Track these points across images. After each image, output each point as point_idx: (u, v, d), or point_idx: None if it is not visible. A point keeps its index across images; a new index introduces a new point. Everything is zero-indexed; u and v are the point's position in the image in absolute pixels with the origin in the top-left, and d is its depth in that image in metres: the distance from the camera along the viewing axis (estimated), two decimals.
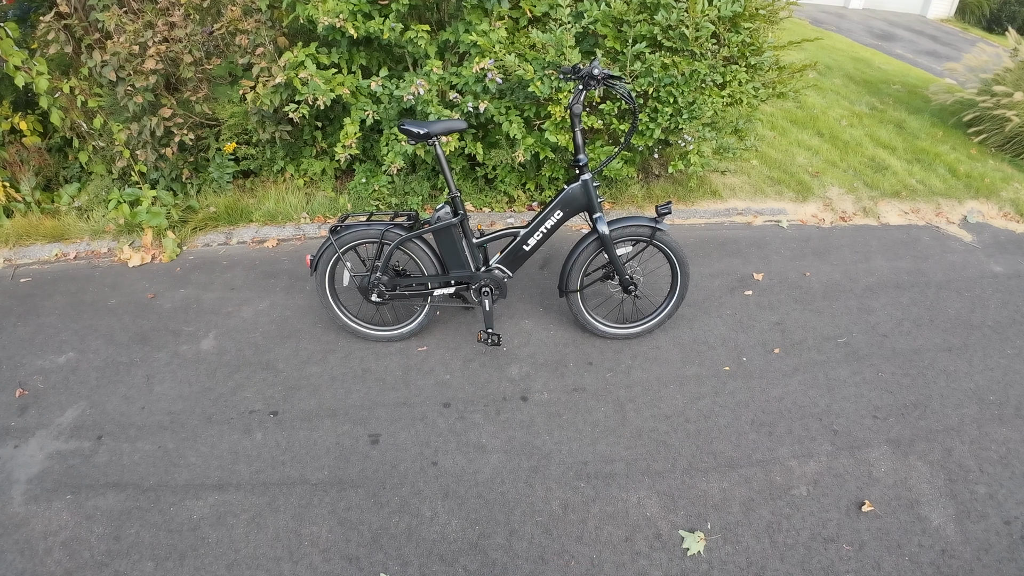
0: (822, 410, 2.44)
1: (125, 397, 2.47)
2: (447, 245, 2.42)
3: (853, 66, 7.21)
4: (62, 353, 2.68)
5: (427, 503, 2.03)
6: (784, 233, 3.80)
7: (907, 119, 5.62)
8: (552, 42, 2.93)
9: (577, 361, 2.63)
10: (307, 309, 2.92)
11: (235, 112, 3.30)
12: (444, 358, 2.64)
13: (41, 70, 3.01)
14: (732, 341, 2.80)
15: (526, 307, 2.96)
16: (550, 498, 2.05)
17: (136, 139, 3.25)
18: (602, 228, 2.38)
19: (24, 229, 3.33)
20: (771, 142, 4.91)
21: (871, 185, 4.37)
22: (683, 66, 3.03)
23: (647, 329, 2.74)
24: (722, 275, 3.29)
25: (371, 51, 3.27)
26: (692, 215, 3.91)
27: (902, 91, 6.44)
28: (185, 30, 3.03)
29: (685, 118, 3.21)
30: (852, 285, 3.27)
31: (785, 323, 2.94)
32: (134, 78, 3.00)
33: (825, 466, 2.20)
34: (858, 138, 5.10)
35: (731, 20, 3.08)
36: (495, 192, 3.78)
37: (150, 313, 2.91)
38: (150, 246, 3.29)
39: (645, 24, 2.99)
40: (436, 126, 2.23)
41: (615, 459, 2.19)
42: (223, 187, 3.61)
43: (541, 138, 3.27)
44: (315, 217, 3.58)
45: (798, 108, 5.57)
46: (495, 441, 2.25)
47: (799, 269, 3.39)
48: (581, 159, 2.31)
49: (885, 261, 3.53)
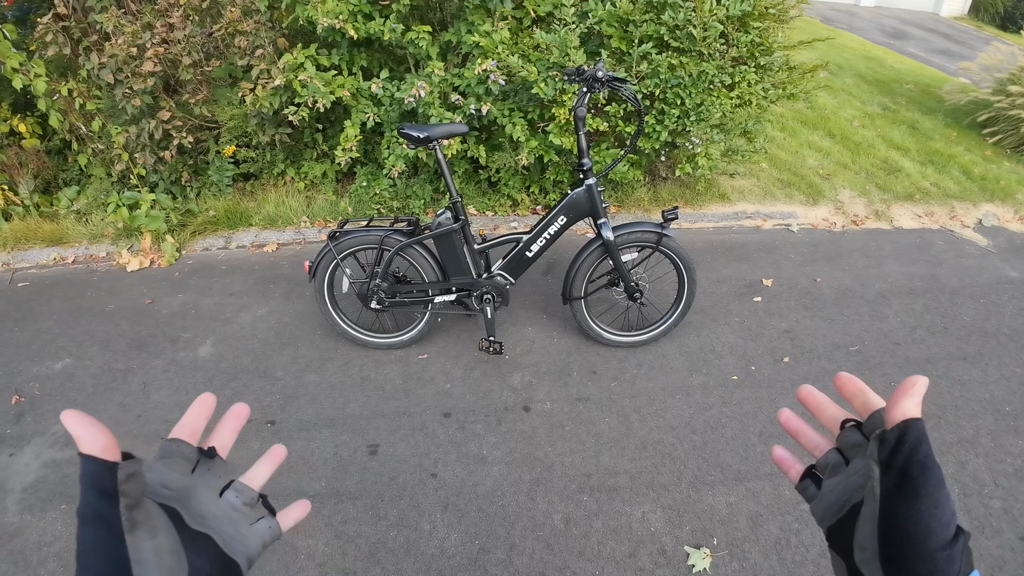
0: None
1: (121, 405, 2.43)
2: (448, 251, 2.36)
3: (865, 65, 7.10)
4: (59, 359, 2.65)
5: (426, 516, 1.98)
6: (794, 237, 3.73)
7: (920, 120, 5.52)
8: (556, 43, 2.88)
9: (581, 370, 2.57)
10: (306, 315, 2.87)
11: (235, 114, 3.26)
12: (445, 366, 2.58)
13: (39, 72, 2.98)
14: (740, 349, 2.73)
15: (529, 314, 2.91)
16: (552, 512, 1.99)
17: (135, 142, 3.22)
18: (607, 234, 2.32)
19: (22, 233, 3.30)
20: (781, 143, 4.83)
21: (883, 188, 4.28)
22: (690, 67, 2.96)
23: (653, 337, 2.67)
24: (730, 281, 3.22)
25: (372, 52, 3.22)
26: (700, 219, 3.84)
27: (915, 91, 6.33)
28: (184, 31, 2.99)
29: (692, 120, 3.14)
30: (864, 291, 3.19)
31: (795, 331, 2.87)
32: (132, 80, 2.96)
33: None
34: (870, 139, 5.00)
35: (740, 19, 3.01)
36: (498, 196, 3.72)
37: (148, 319, 2.87)
38: (149, 250, 3.26)
39: (652, 24, 2.93)
40: (436, 130, 2.18)
41: (619, 472, 2.13)
42: (223, 190, 3.58)
43: (545, 141, 3.21)
44: (315, 221, 3.54)
45: (809, 108, 5.48)
46: (496, 452, 2.20)
47: (809, 275, 3.32)
48: (585, 163, 2.26)
49: (898, 266, 3.45)
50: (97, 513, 0.36)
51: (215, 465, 0.45)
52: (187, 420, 0.45)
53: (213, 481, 0.44)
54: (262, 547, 0.46)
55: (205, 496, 0.43)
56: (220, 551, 0.41)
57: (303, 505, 0.52)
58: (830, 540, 0.44)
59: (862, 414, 0.45)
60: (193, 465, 0.43)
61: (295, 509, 0.51)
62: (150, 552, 0.36)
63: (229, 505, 0.44)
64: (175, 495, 0.40)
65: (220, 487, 0.45)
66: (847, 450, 0.45)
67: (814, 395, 0.51)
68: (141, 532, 0.36)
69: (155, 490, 0.39)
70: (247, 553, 0.43)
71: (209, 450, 0.45)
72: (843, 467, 0.44)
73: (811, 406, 0.51)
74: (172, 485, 0.40)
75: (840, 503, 0.43)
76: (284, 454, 0.53)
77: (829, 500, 0.44)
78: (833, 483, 0.44)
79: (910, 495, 0.38)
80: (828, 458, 0.47)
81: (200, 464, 0.44)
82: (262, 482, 0.49)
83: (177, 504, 0.40)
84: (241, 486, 0.46)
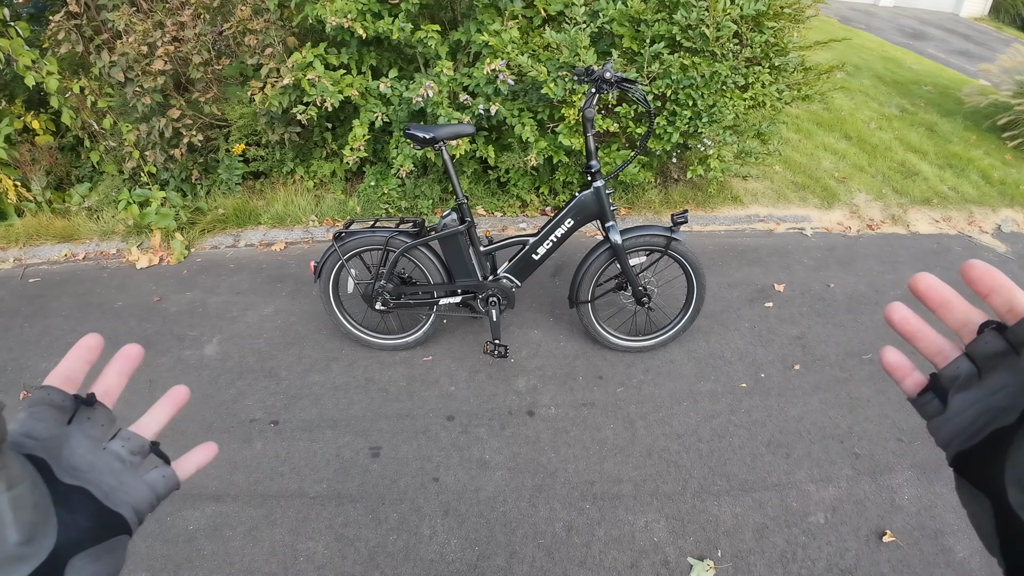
0: (843, 431, 2.32)
1: (126, 402, 2.40)
2: (453, 253, 2.34)
3: (883, 66, 6.98)
4: None
5: (426, 521, 1.96)
6: (808, 241, 3.67)
7: (939, 122, 5.42)
8: (566, 42, 2.84)
9: (587, 375, 2.54)
10: (312, 315, 2.86)
11: (244, 113, 3.26)
12: (449, 369, 2.56)
13: (51, 70, 3.00)
14: (750, 356, 2.68)
15: (536, 316, 2.88)
16: (554, 519, 1.97)
17: (145, 140, 3.23)
18: (614, 237, 2.28)
19: (34, 229, 3.33)
20: (796, 145, 4.75)
21: (900, 191, 4.20)
22: (703, 67, 2.91)
23: (661, 342, 2.64)
24: (741, 285, 3.17)
25: (382, 51, 3.21)
26: (711, 222, 3.79)
27: (933, 92, 6.21)
28: (194, 30, 2.99)
29: (705, 121, 3.09)
30: (879, 297, 3.12)
31: (806, 337, 2.81)
32: (142, 79, 2.97)
33: (845, 492, 2.08)
34: (887, 142, 4.91)
35: (754, 19, 2.95)
36: (508, 196, 3.70)
37: (155, 316, 2.89)
38: (158, 248, 3.27)
39: (664, 23, 2.88)
40: (442, 131, 2.16)
41: (623, 479, 2.10)
42: (232, 188, 3.58)
43: (555, 141, 3.17)
44: (324, 220, 3.53)
45: (825, 110, 5.40)
46: (499, 457, 2.17)
47: (823, 280, 3.26)
48: (593, 165, 2.22)
49: (914, 272, 3.36)
50: None
51: (95, 413, 0.41)
52: (64, 366, 0.41)
53: (94, 431, 0.41)
54: (156, 498, 0.43)
55: (82, 447, 0.39)
56: (99, 504, 0.38)
57: (207, 448, 0.48)
58: (959, 468, 0.37)
59: (1006, 317, 0.36)
60: (70, 415, 0.40)
61: (196, 453, 0.47)
62: (5, 503, 0.33)
63: (114, 455, 0.41)
64: (42, 446, 0.37)
65: (105, 437, 0.41)
66: (983, 361, 0.37)
67: (937, 289, 0.41)
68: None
69: (18, 440, 0.36)
70: (133, 504, 0.41)
71: (88, 397, 0.42)
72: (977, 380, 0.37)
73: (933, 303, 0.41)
74: (38, 435, 0.37)
75: (977, 426, 0.36)
76: (185, 395, 0.49)
77: (961, 421, 0.37)
78: (966, 399, 0.37)
79: None
80: (958, 367, 0.38)
81: (78, 413, 0.40)
82: (157, 429, 0.46)
83: (46, 455, 0.37)
84: (128, 434, 0.43)
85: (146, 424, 0.46)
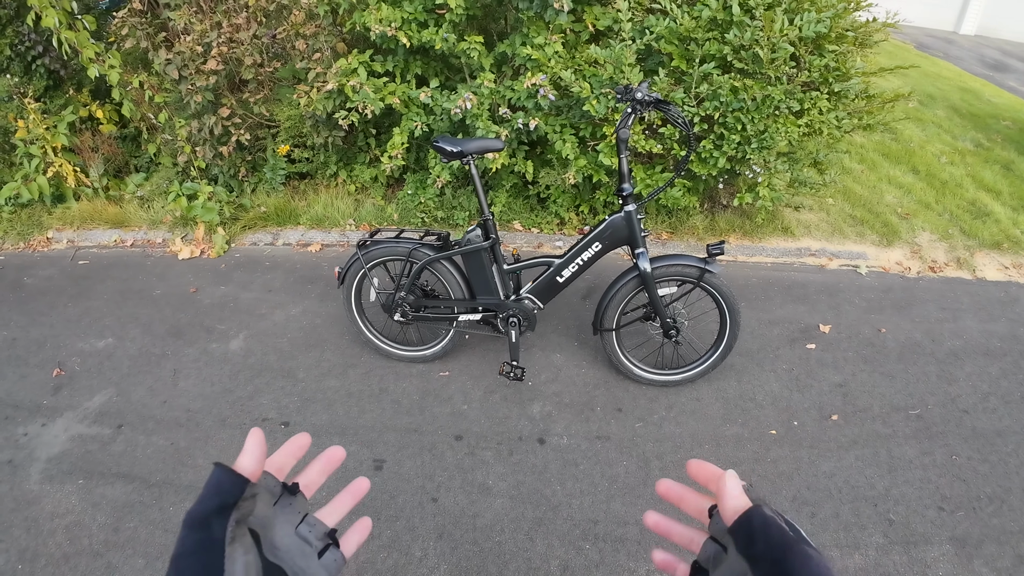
0: (879, 494, 2.12)
1: (150, 389, 2.50)
2: (476, 269, 2.29)
3: (959, 97, 6.55)
4: (102, 338, 2.76)
5: (419, 542, 1.91)
6: (861, 280, 3.43)
7: (1016, 160, 5.01)
8: (611, 59, 2.76)
9: (605, 406, 2.44)
10: (337, 318, 2.87)
11: (292, 115, 3.32)
12: (464, 386, 2.51)
13: (113, 63, 3.14)
14: (784, 401, 2.51)
15: (560, 339, 2.79)
16: (550, 556, 1.87)
17: (196, 135, 3.34)
18: (643, 265, 2.18)
19: (89, 213, 3.49)
20: (857, 176, 4.49)
21: (968, 233, 3.89)
22: (755, 90, 2.77)
23: (688, 378, 2.50)
24: (783, 323, 2.99)
25: (428, 60, 3.21)
26: (758, 252, 3.60)
27: (1012, 128, 5.77)
28: (249, 32, 3.07)
29: (754, 147, 2.94)
30: (934, 348, 2.88)
31: (849, 385, 2.62)
32: (195, 77, 3.07)
33: (873, 561, 1.90)
34: (958, 178, 4.58)
35: (814, 41, 2.79)
36: (547, 213, 3.63)
37: (189, 307, 2.96)
38: (201, 241, 3.36)
39: (715, 43, 2.76)
40: (470, 145, 2.11)
41: (629, 521, 1.98)
42: (276, 188, 3.66)
43: (595, 160, 3.09)
44: (361, 224, 3.56)
45: (893, 140, 5.09)
46: (502, 484, 2.10)
47: (874, 324, 3.03)
48: (626, 188, 2.13)
49: (976, 322, 3.10)
50: (206, 521, 0.38)
51: (296, 501, 0.47)
52: (277, 457, 0.48)
53: (291, 515, 0.46)
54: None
55: (281, 529, 0.45)
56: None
57: (363, 525, 0.53)
58: None
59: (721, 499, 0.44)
60: (276, 499, 0.45)
61: (356, 533, 0.52)
62: (242, 567, 0.38)
63: (303, 538, 0.46)
64: (260, 522, 0.42)
65: (296, 521, 0.47)
66: (721, 536, 0.44)
67: (673, 488, 0.50)
68: (239, 547, 0.39)
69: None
70: None
71: (292, 486, 0.48)
72: (723, 555, 0.43)
73: (672, 499, 0.50)
74: (258, 514, 0.42)
75: None
76: (366, 487, 0.53)
77: None
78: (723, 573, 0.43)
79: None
80: (707, 550, 0.46)
81: (282, 498, 0.46)
82: (339, 517, 0.51)
83: (260, 531, 0.42)
84: (315, 520, 0.48)
85: (328, 513, 0.51)
